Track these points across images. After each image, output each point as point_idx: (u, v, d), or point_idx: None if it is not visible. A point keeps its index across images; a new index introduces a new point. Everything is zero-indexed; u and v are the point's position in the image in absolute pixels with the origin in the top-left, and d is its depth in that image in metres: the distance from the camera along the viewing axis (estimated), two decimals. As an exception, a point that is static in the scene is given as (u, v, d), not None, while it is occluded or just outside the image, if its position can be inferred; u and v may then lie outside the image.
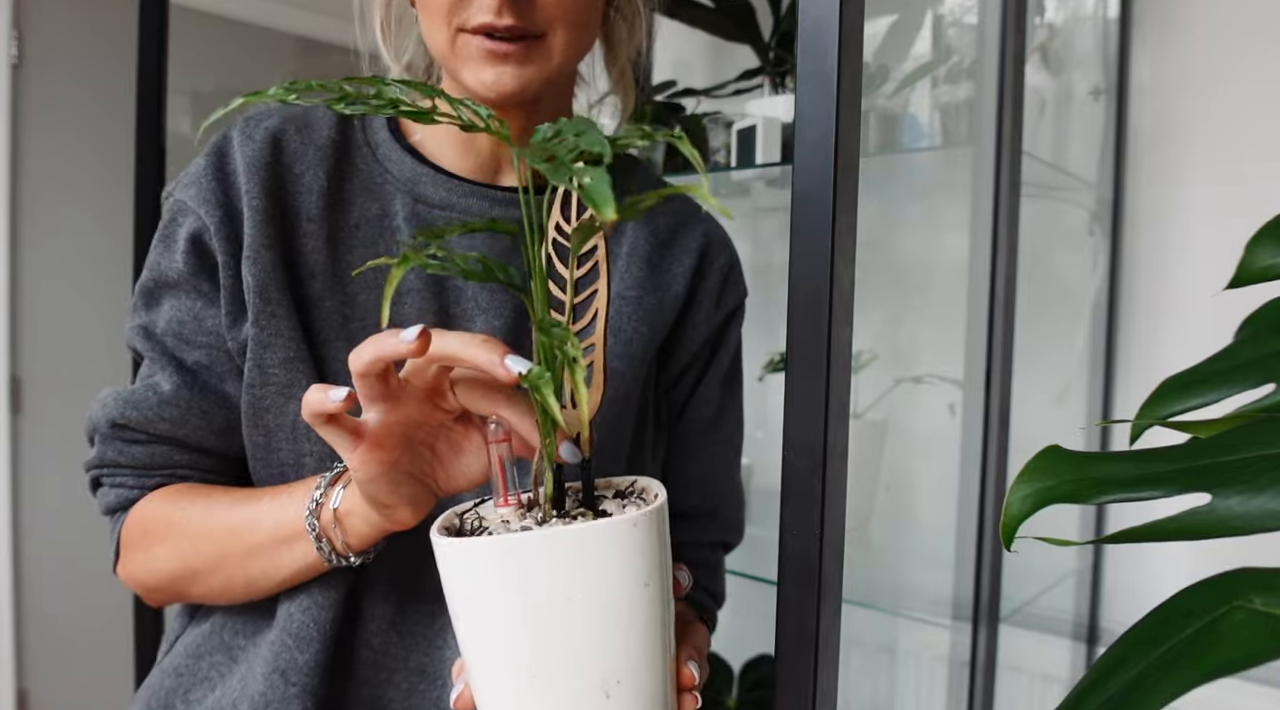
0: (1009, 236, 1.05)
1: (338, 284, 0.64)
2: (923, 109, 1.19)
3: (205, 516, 0.61)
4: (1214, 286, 0.55)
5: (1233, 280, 0.46)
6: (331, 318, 0.64)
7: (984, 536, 1.06)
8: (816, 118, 0.41)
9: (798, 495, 0.42)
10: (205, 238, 0.63)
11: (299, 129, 0.66)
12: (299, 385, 0.62)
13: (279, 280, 0.62)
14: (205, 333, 0.64)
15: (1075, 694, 0.30)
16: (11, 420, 2.06)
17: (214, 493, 0.63)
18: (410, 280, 0.65)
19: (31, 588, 2.08)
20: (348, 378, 0.61)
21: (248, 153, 0.64)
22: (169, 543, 0.63)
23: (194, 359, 0.65)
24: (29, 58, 2.06)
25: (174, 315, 0.64)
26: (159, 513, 0.64)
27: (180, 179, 0.66)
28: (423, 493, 0.52)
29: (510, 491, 0.47)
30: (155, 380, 0.64)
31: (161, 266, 0.64)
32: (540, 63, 0.61)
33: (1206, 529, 0.31)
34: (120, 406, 0.64)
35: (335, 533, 0.56)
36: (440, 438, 0.52)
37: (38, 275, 2.11)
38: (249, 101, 0.41)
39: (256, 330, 0.62)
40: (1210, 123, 1.25)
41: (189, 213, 0.63)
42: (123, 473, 0.66)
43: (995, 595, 1.06)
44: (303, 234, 0.64)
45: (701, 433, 0.76)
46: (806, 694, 0.43)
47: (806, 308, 0.42)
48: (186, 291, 0.64)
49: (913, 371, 1.40)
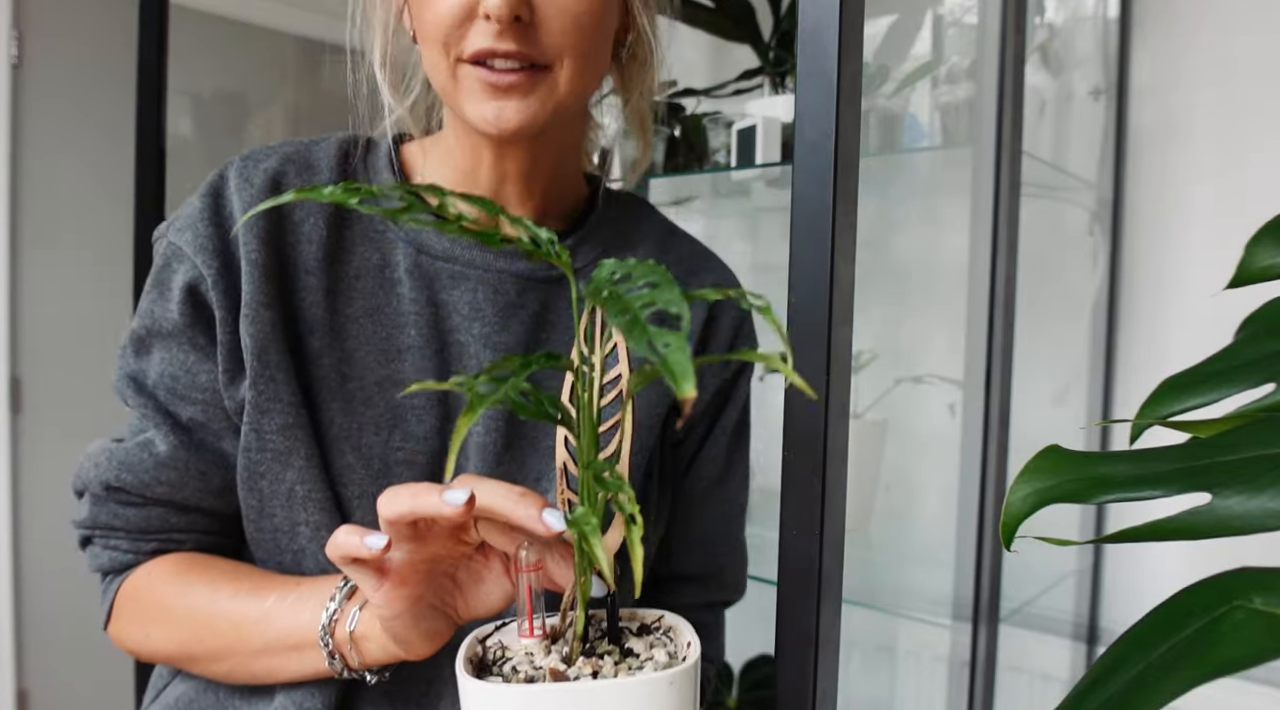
0: (1009, 236, 1.05)
1: (336, 340, 0.62)
2: (923, 109, 1.19)
3: (208, 605, 0.59)
4: (1214, 286, 0.55)
5: (1233, 280, 0.46)
6: (329, 376, 0.62)
7: (984, 536, 1.06)
8: (816, 118, 0.41)
9: (798, 495, 0.42)
10: (202, 288, 0.60)
11: (299, 171, 0.64)
12: (296, 452, 0.60)
13: (278, 341, 0.60)
14: (200, 388, 0.62)
15: (1075, 694, 0.30)
16: (11, 420, 2.06)
17: (216, 576, 0.61)
18: (412, 337, 0.63)
19: (31, 588, 2.08)
20: (343, 442, 0.61)
21: (245, 197, 0.61)
22: (167, 628, 0.61)
23: (189, 415, 0.62)
24: (29, 58, 2.06)
25: (166, 368, 0.62)
26: (157, 592, 0.61)
27: (174, 220, 0.63)
28: (443, 624, 0.51)
29: (536, 619, 0.46)
30: (150, 439, 0.61)
31: (155, 315, 0.62)
32: (545, 96, 0.58)
33: (1206, 529, 0.31)
34: (115, 468, 0.61)
35: (350, 653, 0.54)
36: (461, 567, 0.51)
37: (38, 275, 2.10)
38: (302, 198, 0.39)
39: (254, 394, 0.59)
40: (1210, 123, 1.24)
41: (184, 259, 0.60)
42: (117, 536, 0.63)
43: (995, 595, 1.06)
44: (301, 287, 0.62)
45: (707, 490, 0.73)
46: (806, 694, 0.43)
47: (806, 308, 0.42)
48: (180, 343, 0.61)
49: (913, 371, 1.40)
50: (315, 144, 0.66)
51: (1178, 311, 1.28)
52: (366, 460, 0.62)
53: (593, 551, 0.39)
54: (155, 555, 0.63)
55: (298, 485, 0.60)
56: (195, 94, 2.26)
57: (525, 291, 0.65)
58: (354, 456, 0.61)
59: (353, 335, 0.62)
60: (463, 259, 0.64)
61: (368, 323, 0.63)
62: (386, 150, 0.67)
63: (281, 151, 0.65)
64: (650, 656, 0.44)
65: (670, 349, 0.31)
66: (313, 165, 0.65)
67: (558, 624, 0.46)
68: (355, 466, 0.61)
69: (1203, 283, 1.25)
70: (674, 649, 0.45)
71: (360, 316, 0.63)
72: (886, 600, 1.23)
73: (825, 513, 0.42)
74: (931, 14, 1.33)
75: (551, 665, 0.43)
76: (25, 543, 2.08)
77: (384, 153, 0.67)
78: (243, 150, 0.65)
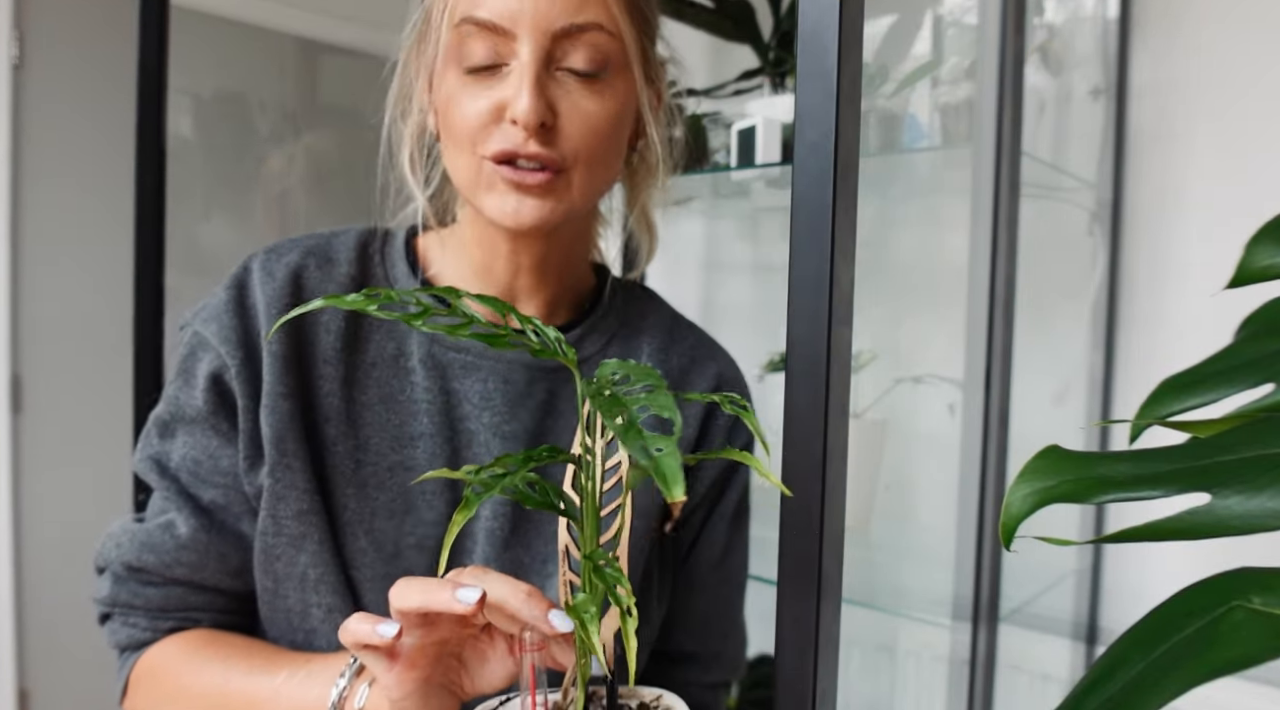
0: (1009, 236, 1.05)
1: (351, 427, 0.65)
2: (923, 109, 1.19)
3: (222, 682, 0.61)
4: (1214, 286, 0.55)
5: (1233, 280, 0.46)
6: (344, 463, 0.64)
7: (984, 536, 1.06)
8: (816, 118, 0.41)
9: (798, 495, 0.42)
10: (226, 377, 0.63)
11: (320, 264, 0.67)
12: (310, 537, 0.63)
13: (295, 431, 0.63)
14: (221, 473, 0.64)
15: (1075, 694, 0.30)
16: (12, 420, 2.06)
17: (230, 653, 0.63)
18: (424, 424, 0.65)
19: (32, 588, 2.08)
20: (356, 526, 0.64)
21: (268, 291, 0.64)
22: (182, 703, 0.63)
23: (210, 498, 0.65)
24: (30, 58, 2.06)
25: (188, 452, 0.65)
26: (172, 669, 0.64)
27: (200, 311, 0.66)
28: (450, 701, 0.53)
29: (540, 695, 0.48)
30: (171, 520, 0.64)
31: (181, 401, 0.65)
32: (560, 196, 0.61)
33: (1206, 529, 0.31)
34: (137, 549, 0.64)
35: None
36: (467, 646, 0.53)
37: (38, 274, 2.11)
38: (328, 305, 0.41)
39: (271, 482, 0.62)
40: (1210, 123, 1.24)
41: (210, 349, 0.64)
42: (136, 614, 0.66)
43: (995, 595, 1.06)
44: (319, 377, 0.65)
45: (707, 572, 0.76)
46: (806, 694, 0.43)
47: (806, 308, 0.42)
48: (203, 429, 0.64)
49: (913, 371, 1.40)
50: (336, 237, 0.69)
51: (1178, 311, 1.28)
52: (379, 544, 0.64)
53: (589, 641, 0.41)
54: (172, 632, 0.66)
55: (310, 569, 0.63)
56: (195, 94, 2.26)
57: (534, 381, 0.68)
58: (366, 540, 0.64)
59: (367, 422, 0.65)
60: (474, 350, 0.67)
61: (382, 409, 0.65)
62: (402, 242, 0.70)
63: (304, 245, 0.68)
64: None
65: (662, 454, 0.34)
66: (332, 258, 0.68)
67: (559, 700, 0.48)
68: (368, 550, 0.64)
69: (1203, 283, 1.25)
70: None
71: (375, 404, 0.65)
72: (886, 600, 1.23)
73: (825, 513, 0.42)
74: (931, 14, 1.33)
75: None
76: (26, 543, 2.08)
77: (399, 245, 0.70)
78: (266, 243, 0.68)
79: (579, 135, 0.60)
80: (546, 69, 0.59)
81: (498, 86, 0.59)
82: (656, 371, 0.40)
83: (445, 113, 0.62)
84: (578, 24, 0.59)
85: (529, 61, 0.58)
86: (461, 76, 0.60)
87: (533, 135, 0.59)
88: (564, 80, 0.60)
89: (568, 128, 0.60)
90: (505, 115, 0.59)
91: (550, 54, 0.59)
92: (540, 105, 0.58)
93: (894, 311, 1.47)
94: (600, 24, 0.60)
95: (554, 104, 0.59)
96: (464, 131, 0.60)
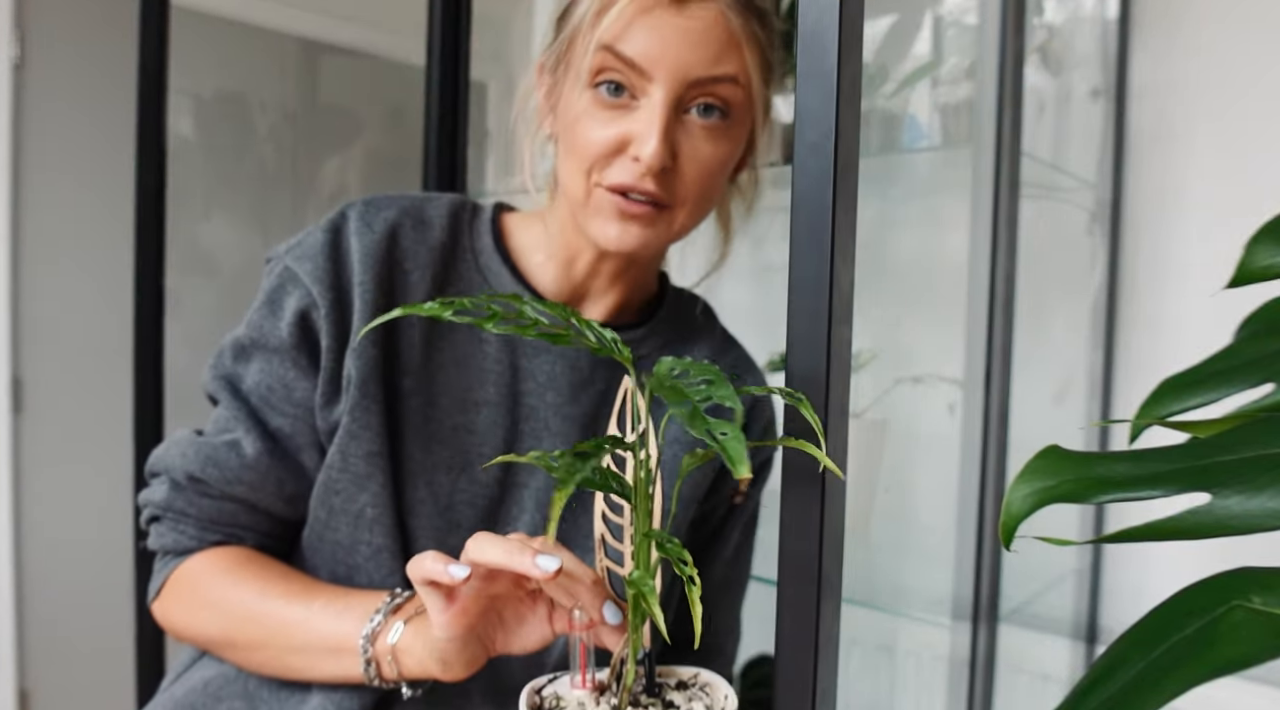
0: (1009, 236, 1.05)
1: (425, 384, 0.68)
2: (923, 109, 1.19)
3: (258, 601, 0.64)
4: (1214, 286, 0.55)
5: (1233, 280, 0.46)
6: (415, 416, 0.67)
7: (984, 536, 1.06)
8: (816, 118, 0.41)
9: (798, 495, 0.42)
10: (314, 316, 0.66)
11: (414, 225, 0.70)
12: (375, 478, 0.65)
13: (378, 377, 0.66)
14: (294, 404, 0.67)
15: (1075, 694, 0.30)
16: (12, 420, 2.06)
17: (268, 575, 0.66)
18: (490, 393, 0.69)
19: (32, 588, 2.08)
20: (418, 476, 0.67)
21: (366, 242, 0.67)
22: (215, 614, 0.65)
23: (277, 424, 0.67)
24: (30, 58, 2.06)
25: (263, 378, 0.67)
26: (212, 583, 0.66)
27: (293, 248, 0.68)
28: (481, 654, 0.56)
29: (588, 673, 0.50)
30: (237, 440, 0.66)
31: (264, 329, 0.67)
32: (662, 230, 0.65)
33: (1206, 529, 0.31)
34: (201, 462, 0.66)
35: (389, 664, 0.58)
36: (509, 607, 0.56)
37: (38, 275, 2.10)
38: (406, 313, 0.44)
39: (348, 420, 0.65)
40: (1210, 123, 1.24)
41: (300, 286, 0.66)
42: (187, 522, 0.68)
43: (995, 595, 1.06)
44: (403, 332, 0.67)
45: (719, 568, 0.80)
46: (807, 694, 0.43)
47: (807, 308, 0.42)
48: (283, 360, 0.67)
49: (913, 371, 1.40)
50: (429, 201, 0.72)
51: (1178, 311, 1.28)
52: (435, 496, 0.68)
53: (651, 610, 0.43)
54: (217, 546, 0.68)
55: (370, 508, 0.66)
56: (195, 94, 2.26)
57: (596, 369, 0.72)
58: (426, 491, 0.67)
59: (439, 381, 0.68)
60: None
61: (454, 371, 0.68)
62: (489, 217, 0.73)
63: (400, 204, 0.70)
64: (690, 709, 0.48)
65: (727, 437, 0.37)
66: (426, 221, 0.70)
67: (605, 678, 0.50)
68: (425, 500, 0.67)
69: (1203, 283, 1.25)
70: (710, 703, 0.50)
71: (449, 364, 0.68)
72: (886, 600, 1.23)
73: (825, 513, 0.42)
74: (931, 14, 1.32)
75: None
76: (26, 543, 2.08)
77: (486, 220, 0.73)
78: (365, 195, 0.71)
79: (692, 178, 0.63)
80: (674, 113, 0.62)
81: (625, 119, 0.62)
82: (715, 367, 0.42)
83: (570, 129, 0.64)
84: (713, 75, 0.61)
85: (660, 106, 0.60)
86: (592, 100, 0.62)
87: (654, 177, 0.62)
88: (688, 123, 0.63)
89: (684, 170, 0.63)
90: (629, 150, 0.62)
91: (681, 99, 0.62)
92: (665, 152, 0.61)
93: (894, 311, 1.47)
94: (734, 77, 0.62)
95: (676, 148, 0.62)
96: (585, 154, 0.63)
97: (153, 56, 1.09)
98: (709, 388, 0.40)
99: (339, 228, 0.68)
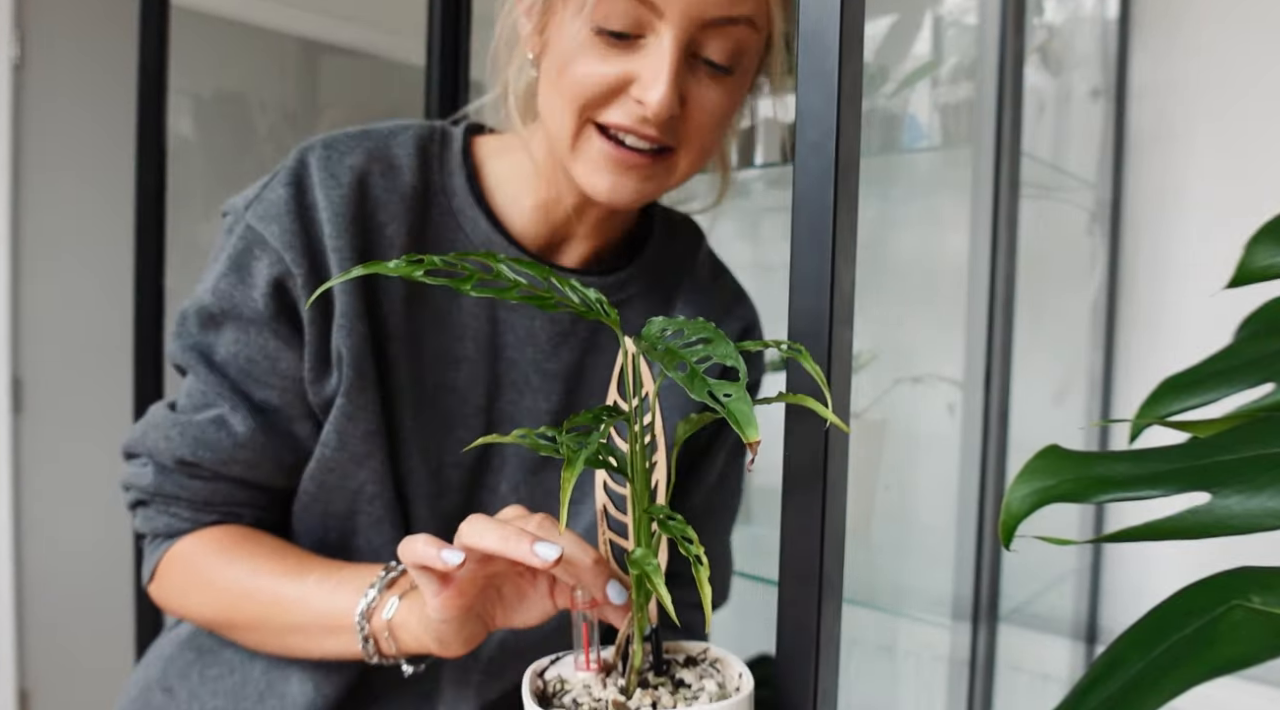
0: (1009, 236, 1.05)
1: (411, 347, 0.64)
2: (923, 109, 1.19)
3: (251, 579, 0.61)
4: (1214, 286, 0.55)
5: (1233, 280, 0.46)
6: (404, 381, 0.64)
7: (984, 536, 1.06)
8: (817, 118, 0.41)
9: (798, 495, 0.42)
10: (289, 285, 0.61)
11: (383, 171, 0.64)
12: (374, 457, 0.63)
13: (370, 354, 0.62)
14: (280, 375, 0.63)
15: (1075, 693, 0.30)
16: (12, 420, 2.06)
17: (262, 552, 0.63)
18: (468, 349, 0.65)
19: (32, 588, 2.08)
20: (411, 443, 0.65)
21: (334, 197, 0.61)
22: (211, 595, 0.63)
23: (263, 397, 0.63)
24: (30, 58, 2.06)
25: (241, 349, 0.63)
26: (204, 563, 0.63)
27: (254, 204, 0.62)
28: (480, 630, 0.53)
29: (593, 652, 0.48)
30: (222, 416, 0.62)
31: (235, 298, 0.62)
32: (660, 179, 0.60)
33: (1206, 529, 0.31)
34: (190, 445, 0.62)
35: (386, 640, 0.56)
36: (509, 583, 0.53)
37: (38, 275, 2.10)
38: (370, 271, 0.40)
39: (344, 402, 0.61)
40: (1210, 123, 1.25)
41: (270, 251, 0.61)
42: (179, 504, 0.65)
43: (995, 595, 1.06)
44: (385, 297, 0.63)
45: (703, 494, 0.77)
46: (807, 694, 0.43)
47: (807, 308, 0.42)
48: (260, 330, 0.62)
49: (913, 371, 1.40)
50: (394, 137, 0.66)
51: (1178, 311, 1.28)
52: (425, 460, 0.65)
53: (657, 589, 0.41)
54: (212, 526, 0.65)
55: (369, 484, 0.63)
56: (195, 94, 2.26)
57: (578, 321, 0.67)
58: (418, 458, 0.65)
59: (423, 341, 0.65)
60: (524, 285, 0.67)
61: (434, 330, 0.65)
62: (459, 148, 0.67)
63: (363, 146, 0.64)
64: (702, 686, 0.46)
65: (732, 399, 0.35)
66: (395, 164, 0.64)
67: (610, 658, 0.48)
68: (418, 467, 0.65)
69: (1203, 283, 1.25)
70: (723, 679, 0.47)
71: (428, 324, 0.65)
72: (886, 600, 1.23)
73: (826, 513, 0.42)
74: (931, 14, 1.32)
75: (613, 698, 0.45)
76: (26, 543, 2.08)
77: (457, 152, 0.67)
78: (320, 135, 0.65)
79: (699, 125, 0.59)
80: (684, 56, 0.56)
81: (630, 58, 0.56)
82: (710, 324, 0.40)
83: (563, 60, 0.58)
84: (730, 16, 0.56)
85: (670, 48, 0.55)
86: (592, 33, 0.56)
87: (660, 122, 0.57)
88: (697, 69, 0.58)
89: (691, 116, 0.58)
90: (632, 92, 0.56)
91: (692, 42, 0.56)
92: (674, 98, 0.56)
93: (894, 311, 1.47)
94: (752, 18, 0.57)
95: (685, 94, 0.57)
96: (580, 91, 0.57)
97: (153, 56, 1.09)
98: (706, 346, 0.38)
99: (301, 180, 0.62)
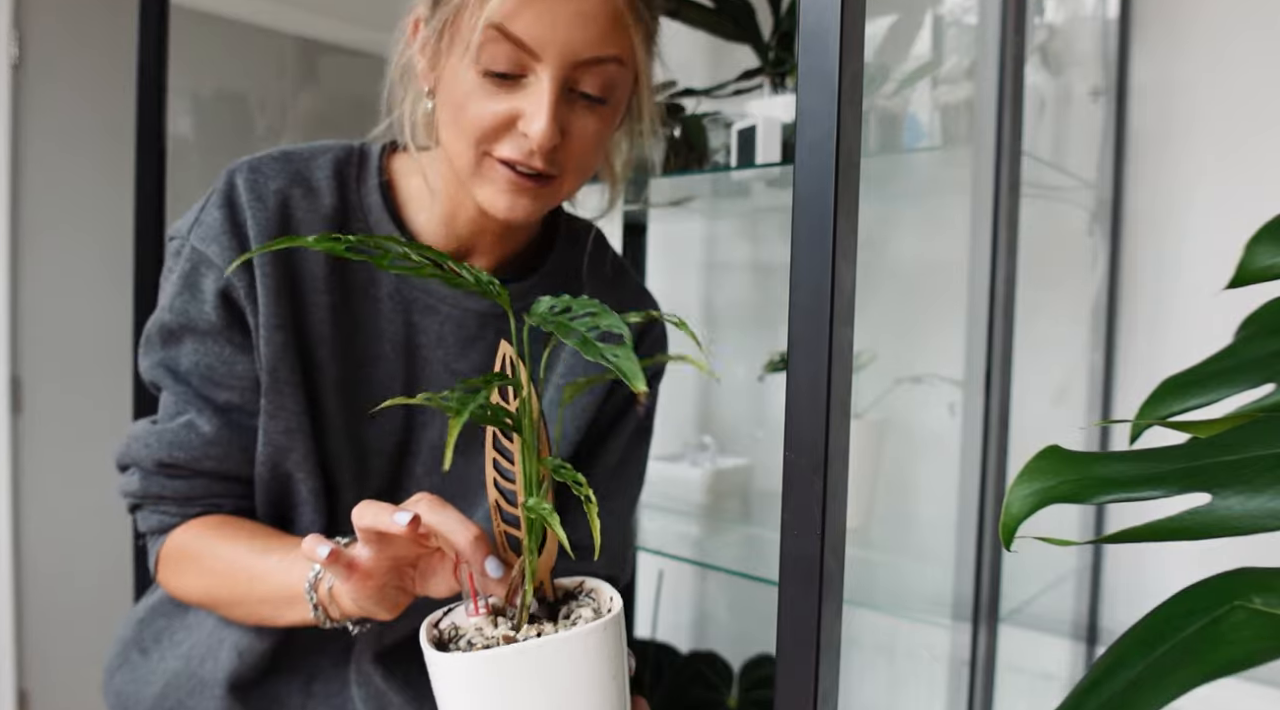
0: (1009, 236, 1.05)
1: (338, 349, 0.72)
2: (923, 109, 1.19)
3: (229, 559, 0.69)
4: (1214, 286, 0.55)
5: (1233, 280, 0.46)
6: (332, 380, 0.72)
7: (984, 536, 1.06)
8: (817, 118, 0.41)
9: (798, 495, 0.42)
10: (235, 296, 0.69)
11: (304, 194, 0.72)
12: (296, 449, 0.71)
13: (288, 359, 0.70)
14: (236, 377, 0.71)
15: (1075, 694, 0.30)
16: (12, 420, 2.06)
17: (240, 535, 0.71)
18: (385, 350, 0.73)
19: (32, 588, 2.08)
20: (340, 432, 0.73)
21: (260, 218, 0.69)
22: (197, 576, 0.71)
23: (224, 399, 0.71)
24: (29, 58, 2.06)
25: (200, 359, 0.71)
26: (191, 547, 0.72)
27: (195, 228, 0.70)
28: (403, 597, 0.61)
29: (481, 602, 0.56)
30: (191, 420, 0.71)
31: (190, 313, 0.70)
32: (547, 198, 0.68)
33: (1206, 529, 0.31)
34: (166, 448, 0.70)
35: (333, 607, 0.63)
36: (421, 560, 0.60)
37: (38, 275, 2.10)
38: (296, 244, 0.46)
39: (265, 401, 0.70)
40: (1210, 123, 1.25)
41: (214, 268, 0.69)
42: (166, 503, 0.73)
43: (995, 595, 1.06)
44: (311, 305, 0.71)
45: (604, 476, 0.83)
46: (807, 694, 0.43)
47: (807, 308, 0.42)
48: (216, 339, 0.70)
49: (913, 371, 1.40)
50: (313, 159, 0.74)
51: (1178, 311, 1.28)
52: (352, 446, 0.74)
53: (555, 530, 0.48)
54: (198, 517, 0.73)
55: (297, 472, 0.72)
56: (195, 94, 2.26)
57: (484, 326, 0.76)
58: (346, 445, 0.74)
59: (344, 344, 0.73)
60: (436, 294, 0.74)
61: (356, 334, 0.74)
62: (375, 168, 0.75)
63: (286, 169, 0.72)
64: (580, 615, 0.54)
65: (619, 358, 0.41)
66: (315, 187, 0.72)
67: (497, 601, 0.56)
68: (344, 453, 0.74)
69: (1203, 283, 1.25)
70: (597, 605, 0.55)
71: (351, 329, 0.73)
72: (886, 600, 1.23)
73: (826, 513, 0.42)
74: (931, 14, 1.32)
75: (503, 634, 0.52)
76: (26, 543, 2.08)
77: (373, 170, 0.75)
78: (245, 156, 0.72)
79: (578, 151, 0.67)
80: (562, 92, 0.64)
81: (515, 96, 0.64)
82: (596, 301, 0.46)
83: (458, 106, 0.65)
84: (599, 56, 0.64)
85: (549, 87, 0.63)
86: (479, 76, 0.64)
87: (544, 155, 0.65)
88: (574, 102, 0.65)
89: (571, 145, 0.66)
90: (518, 126, 0.64)
91: (568, 79, 0.64)
92: (555, 130, 0.63)
93: (894, 311, 1.47)
94: (619, 57, 0.65)
95: (565, 126, 0.65)
96: (474, 128, 0.65)
97: (152, 56, 1.09)
98: (593, 319, 0.44)
99: (232, 201, 0.70)
